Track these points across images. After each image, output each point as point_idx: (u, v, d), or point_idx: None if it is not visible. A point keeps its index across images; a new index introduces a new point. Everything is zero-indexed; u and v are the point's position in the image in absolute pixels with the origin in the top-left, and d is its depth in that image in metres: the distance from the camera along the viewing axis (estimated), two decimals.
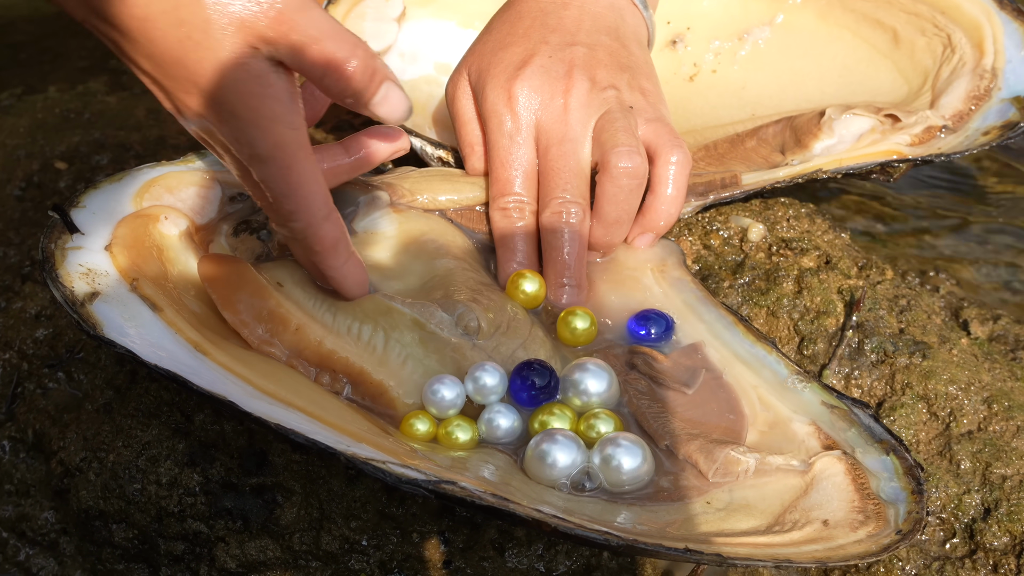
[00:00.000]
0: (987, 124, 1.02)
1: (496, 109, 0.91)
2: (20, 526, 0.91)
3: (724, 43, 1.16)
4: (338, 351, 0.82)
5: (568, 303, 0.89)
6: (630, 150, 0.88)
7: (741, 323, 0.87)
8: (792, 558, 0.71)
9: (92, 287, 0.81)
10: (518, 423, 0.81)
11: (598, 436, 0.80)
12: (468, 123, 0.95)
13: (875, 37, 1.12)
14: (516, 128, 0.91)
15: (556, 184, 0.89)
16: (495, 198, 0.92)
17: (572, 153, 0.90)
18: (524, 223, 0.91)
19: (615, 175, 0.88)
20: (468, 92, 0.95)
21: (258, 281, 0.83)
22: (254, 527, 0.83)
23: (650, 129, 0.91)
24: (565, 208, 0.89)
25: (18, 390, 0.95)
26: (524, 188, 0.91)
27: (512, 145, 0.91)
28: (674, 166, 0.91)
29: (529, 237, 0.91)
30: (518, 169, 0.91)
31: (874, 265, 1.00)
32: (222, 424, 0.86)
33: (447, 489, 0.71)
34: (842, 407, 0.82)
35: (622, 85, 0.92)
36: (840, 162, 0.99)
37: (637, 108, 0.92)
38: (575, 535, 0.70)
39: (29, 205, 1.14)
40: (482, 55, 0.94)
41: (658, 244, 0.93)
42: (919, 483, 0.77)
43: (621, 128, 0.89)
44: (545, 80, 0.91)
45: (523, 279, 0.88)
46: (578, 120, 0.90)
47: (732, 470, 0.78)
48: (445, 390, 0.80)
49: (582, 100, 0.90)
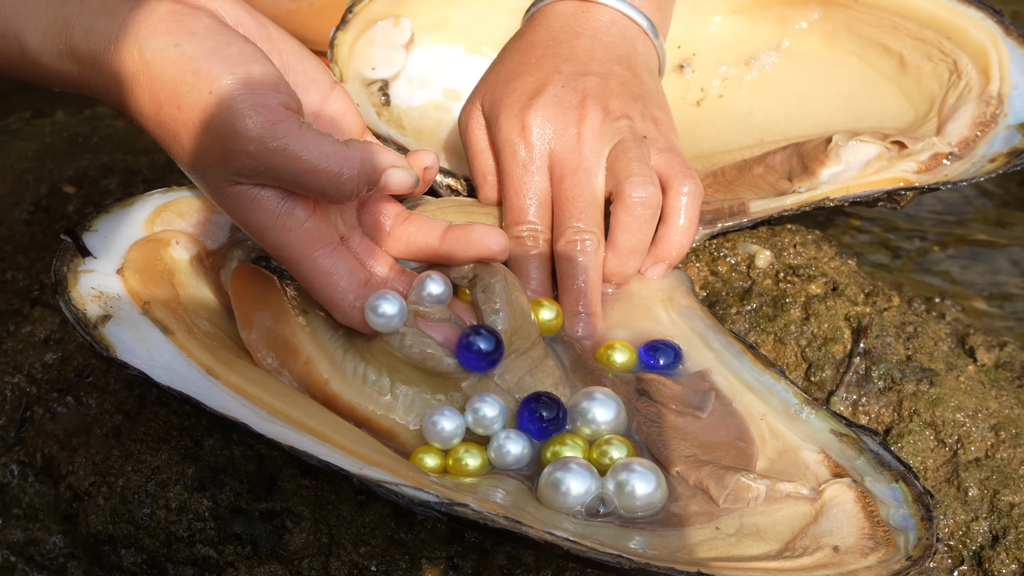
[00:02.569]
0: (993, 151, 1.03)
1: (510, 139, 0.92)
2: (29, 550, 0.91)
3: (731, 68, 1.17)
4: (342, 395, 0.83)
5: (584, 333, 0.89)
6: (644, 180, 0.88)
7: (749, 351, 0.88)
8: None
9: (104, 310, 0.82)
10: (528, 450, 0.81)
11: (611, 462, 0.80)
12: (481, 152, 0.95)
13: (881, 62, 1.13)
14: (530, 157, 0.91)
15: (571, 214, 0.90)
16: (509, 226, 0.92)
17: (586, 182, 0.90)
18: (538, 251, 0.91)
19: (629, 205, 0.89)
20: (481, 122, 0.95)
21: (282, 305, 0.84)
22: (263, 552, 0.83)
23: (663, 159, 0.92)
24: (580, 237, 0.89)
25: (27, 414, 0.95)
26: (538, 217, 0.91)
27: (526, 174, 0.91)
28: (686, 196, 0.91)
29: (543, 265, 0.91)
30: (532, 198, 0.91)
31: (881, 292, 1.00)
32: (231, 449, 0.86)
33: (460, 511, 0.71)
34: (851, 435, 0.82)
35: (635, 115, 0.93)
36: (847, 190, 0.99)
37: (650, 138, 0.92)
38: (587, 558, 0.70)
39: (38, 229, 1.14)
40: (495, 85, 0.95)
41: (669, 275, 0.93)
42: (929, 510, 0.77)
43: (635, 158, 0.89)
44: (558, 110, 0.91)
45: (541, 307, 0.88)
46: (592, 150, 0.90)
47: (743, 496, 0.78)
48: (445, 422, 0.80)
49: (595, 130, 0.91)
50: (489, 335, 0.81)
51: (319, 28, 1.30)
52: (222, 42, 0.76)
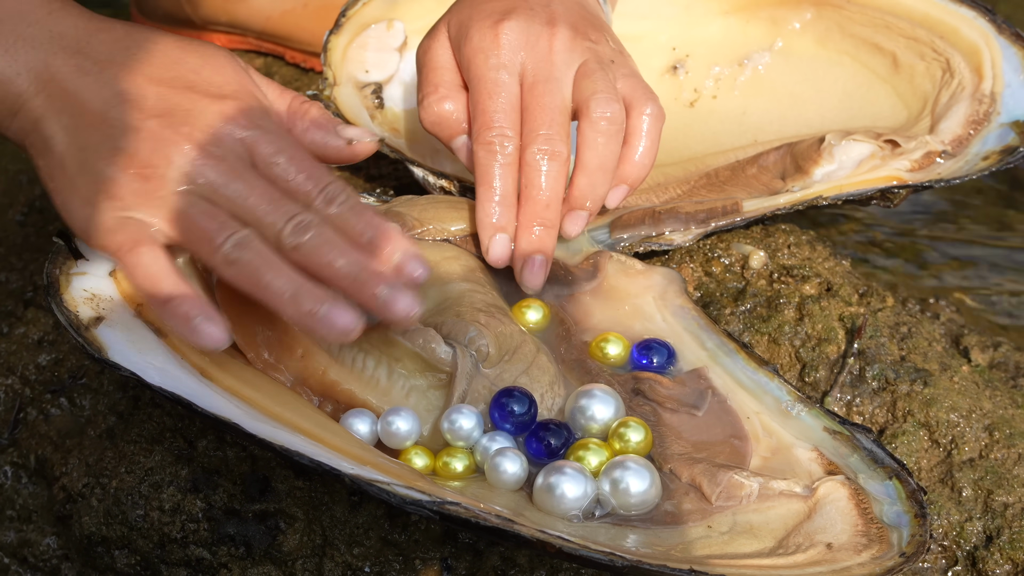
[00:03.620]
0: (986, 149, 1.03)
1: (483, 46, 0.92)
2: (22, 552, 0.91)
3: (724, 69, 1.17)
4: (341, 383, 0.83)
5: (537, 246, 0.90)
6: (608, 97, 0.90)
7: (743, 350, 0.88)
8: None
9: (96, 312, 0.82)
10: (523, 470, 0.80)
11: (628, 444, 0.80)
12: (440, 68, 0.95)
13: (874, 62, 1.13)
14: (501, 63, 0.92)
15: (541, 121, 0.90)
16: (479, 132, 0.91)
17: (557, 91, 0.91)
18: (507, 159, 0.91)
19: (594, 120, 0.90)
20: (446, 43, 0.95)
21: None
22: (257, 553, 0.83)
23: (627, 84, 0.93)
24: (550, 144, 0.90)
25: (20, 416, 0.95)
26: (508, 122, 0.91)
27: (498, 77, 0.91)
28: (648, 118, 0.92)
29: (511, 175, 0.91)
30: (504, 100, 0.91)
31: (875, 292, 1.00)
32: (225, 450, 0.86)
33: (452, 510, 0.71)
34: (844, 433, 0.82)
35: (601, 41, 0.95)
36: (840, 188, 1.00)
37: (616, 63, 0.94)
38: (579, 556, 0.70)
39: (31, 231, 1.14)
40: (460, 10, 0.96)
41: (659, 272, 0.93)
42: (922, 507, 0.77)
43: (600, 77, 0.91)
44: (530, 25, 0.93)
45: (528, 309, 0.89)
46: (563, 61, 0.92)
47: (735, 494, 0.79)
48: (400, 421, 0.80)
49: (566, 44, 0.93)
50: (559, 430, 0.81)
51: (314, 29, 1.30)
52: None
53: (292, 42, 1.33)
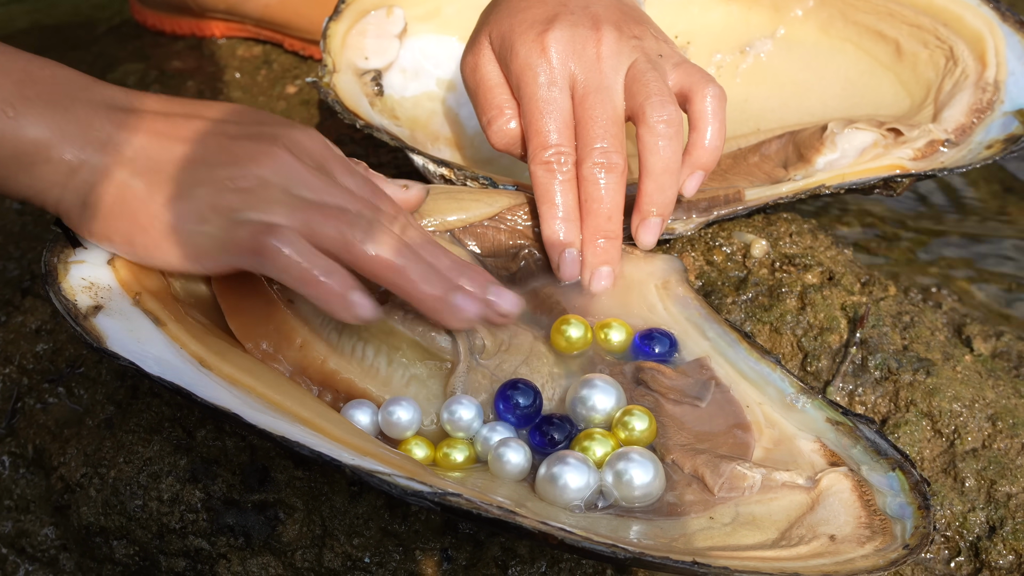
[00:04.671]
0: (990, 137, 1.02)
1: (530, 62, 0.92)
2: (20, 542, 0.91)
3: (726, 57, 1.16)
4: (341, 371, 0.83)
5: (603, 259, 0.90)
6: (663, 100, 0.89)
7: (745, 340, 0.87)
8: (800, 571, 0.71)
9: (95, 300, 0.81)
10: (527, 460, 0.80)
11: (633, 433, 0.80)
12: (496, 87, 0.95)
13: (877, 50, 1.13)
14: (552, 78, 0.91)
15: (595, 134, 0.90)
16: (536, 151, 0.92)
17: (608, 100, 0.91)
18: (565, 176, 0.91)
19: (652, 125, 0.89)
20: (492, 57, 0.95)
21: (268, 295, 0.83)
22: (256, 544, 0.83)
23: (681, 71, 0.93)
24: (607, 158, 0.90)
25: (18, 405, 0.94)
26: (563, 138, 0.91)
27: (550, 92, 0.91)
28: (711, 99, 0.92)
29: (572, 191, 0.92)
30: (558, 118, 0.91)
31: (877, 281, 1.00)
32: (224, 440, 0.86)
33: (453, 501, 0.70)
34: (847, 423, 0.82)
35: (645, 35, 0.94)
36: (843, 177, 0.99)
37: (664, 55, 0.94)
38: (581, 548, 0.70)
39: (29, 219, 1.14)
40: (500, 21, 0.95)
41: (661, 260, 0.93)
42: (925, 498, 0.77)
43: (652, 79, 0.91)
44: (575, 32, 0.92)
45: (569, 326, 0.87)
46: (611, 67, 0.92)
47: (738, 485, 0.78)
48: (401, 411, 0.80)
49: (613, 48, 0.92)
50: (562, 423, 0.81)
51: (312, 16, 1.29)
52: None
53: (291, 29, 1.33)
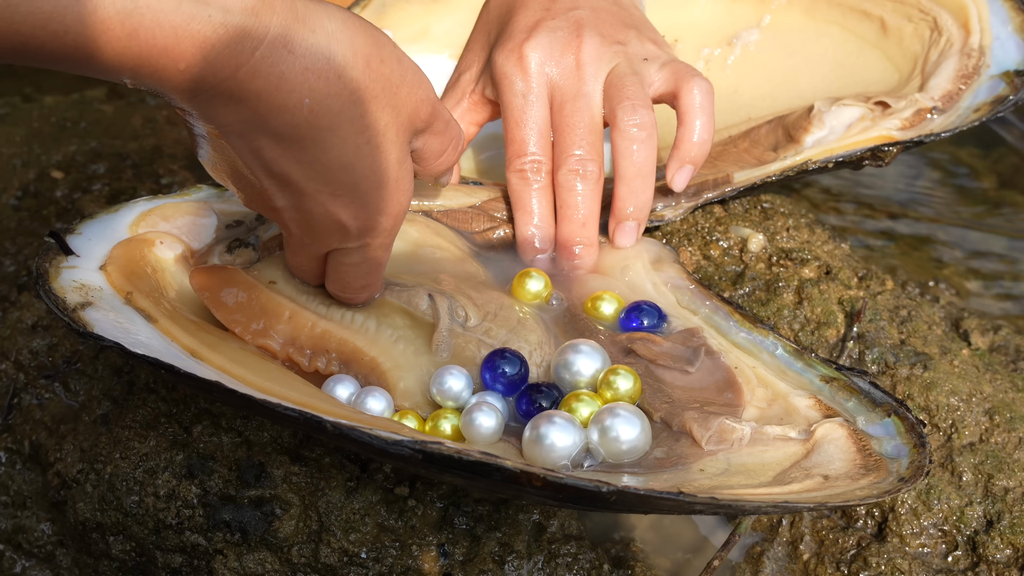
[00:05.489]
0: (978, 101, 1.03)
1: (506, 71, 0.92)
2: (16, 538, 0.90)
3: (714, 50, 1.17)
4: (332, 331, 0.83)
5: (580, 263, 0.92)
6: (634, 104, 0.90)
7: (737, 312, 0.87)
8: (790, 500, 0.71)
9: (85, 298, 0.81)
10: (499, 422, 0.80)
11: (618, 392, 0.80)
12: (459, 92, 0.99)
13: (863, 28, 1.13)
14: (528, 87, 0.92)
15: (571, 141, 0.91)
16: (511, 159, 0.93)
17: (586, 108, 0.91)
18: (540, 184, 0.92)
19: (624, 129, 0.90)
20: (481, 61, 0.97)
21: (248, 281, 0.84)
22: (252, 540, 0.83)
23: (668, 70, 0.93)
24: (582, 165, 0.91)
25: (15, 401, 0.94)
26: (539, 148, 0.92)
27: (525, 104, 0.92)
28: (698, 93, 0.92)
29: (546, 198, 0.93)
30: (532, 128, 0.92)
31: (874, 275, 1.00)
32: (220, 436, 0.86)
33: (434, 448, 0.70)
34: (841, 378, 0.82)
35: (630, 40, 0.94)
36: (830, 151, 1.00)
37: (651, 58, 0.94)
38: (565, 484, 0.69)
39: (25, 215, 1.13)
40: (490, 21, 0.96)
41: (652, 244, 0.94)
42: (922, 437, 0.77)
43: (629, 83, 0.91)
44: (555, 39, 0.92)
45: (529, 278, 0.89)
46: (591, 74, 0.92)
47: (727, 438, 0.78)
48: (372, 402, 0.81)
49: (593, 55, 0.92)
50: (549, 391, 0.81)
51: None
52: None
53: None
